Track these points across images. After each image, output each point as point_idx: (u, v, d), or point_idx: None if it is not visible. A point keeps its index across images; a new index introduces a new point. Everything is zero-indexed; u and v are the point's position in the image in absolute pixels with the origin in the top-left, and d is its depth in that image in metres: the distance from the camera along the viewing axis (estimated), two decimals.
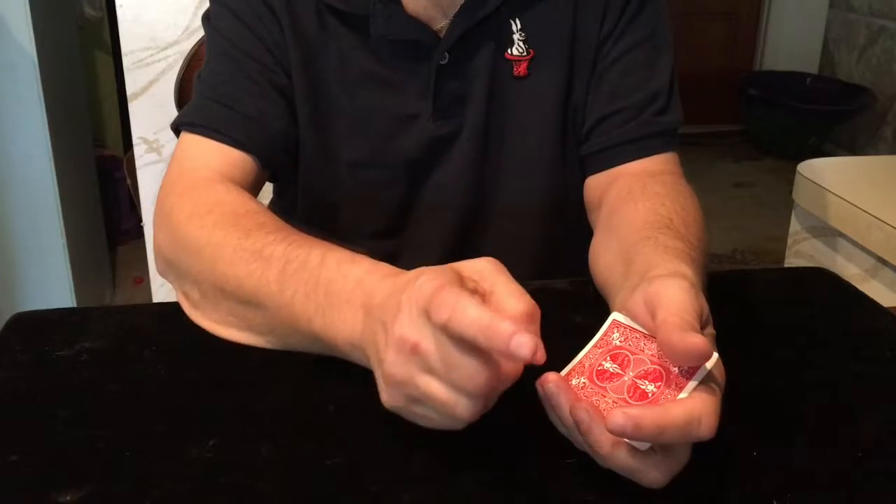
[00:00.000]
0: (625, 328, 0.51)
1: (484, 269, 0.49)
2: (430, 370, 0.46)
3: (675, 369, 0.47)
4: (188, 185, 0.73)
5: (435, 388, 0.46)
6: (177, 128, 0.80)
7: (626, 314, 0.52)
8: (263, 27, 0.79)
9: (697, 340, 0.46)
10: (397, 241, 0.88)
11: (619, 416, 0.43)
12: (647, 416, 0.44)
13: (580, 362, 0.51)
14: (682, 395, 0.46)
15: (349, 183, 0.84)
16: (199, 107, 0.80)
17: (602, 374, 0.50)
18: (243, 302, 0.62)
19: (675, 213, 0.69)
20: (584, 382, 0.50)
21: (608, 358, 0.50)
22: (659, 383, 0.48)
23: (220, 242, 0.64)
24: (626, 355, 0.50)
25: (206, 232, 0.66)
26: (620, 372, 0.49)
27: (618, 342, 0.51)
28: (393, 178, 0.84)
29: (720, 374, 0.49)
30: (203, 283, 0.65)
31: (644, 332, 0.51)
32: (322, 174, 0.84)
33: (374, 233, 0.87)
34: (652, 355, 0.49)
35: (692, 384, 0.46)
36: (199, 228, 0.67)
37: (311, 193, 0.86)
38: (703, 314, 0.51)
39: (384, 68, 0.81)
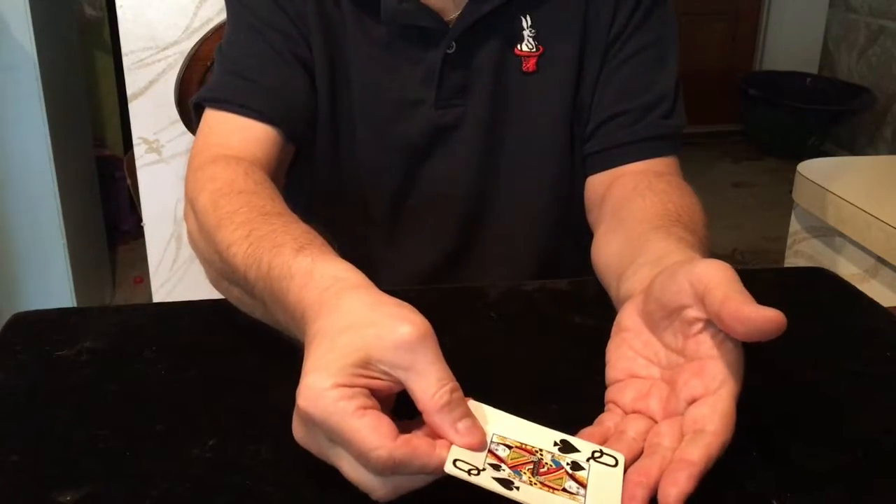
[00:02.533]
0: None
1: (393, 354, 0.45)
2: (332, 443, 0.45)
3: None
4: (205, 162, 0.72)
5: (345, 460, 0.45)
6: (198, 104, 0.80)
7: (657, 293, 0.51)
8: (288, 0, 0.79)
9: (774, 313, 0.45)
10: (397, 228, 0.88)
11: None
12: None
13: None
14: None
15: (352, 165, 0.85)
16: (220, 82, 0.79)
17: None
18: (242, 289, 0.62)
19: (683, 210, 0.69)
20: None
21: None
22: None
23: (226, 239, 0.63)
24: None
25: (214, 220, 0.65)
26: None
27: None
28: (394, 161, 0.85)
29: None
30: (213, 267, 0.66)
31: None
32: (332, 151, 0.84)
33: (376, 218, 0.88)
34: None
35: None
36: (212, 213, 0.66)
37: (320, 172, 0.86)
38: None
39: (392, 52, 0.81)
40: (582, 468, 0.46)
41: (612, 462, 0.47)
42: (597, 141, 0.83)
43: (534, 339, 0.66)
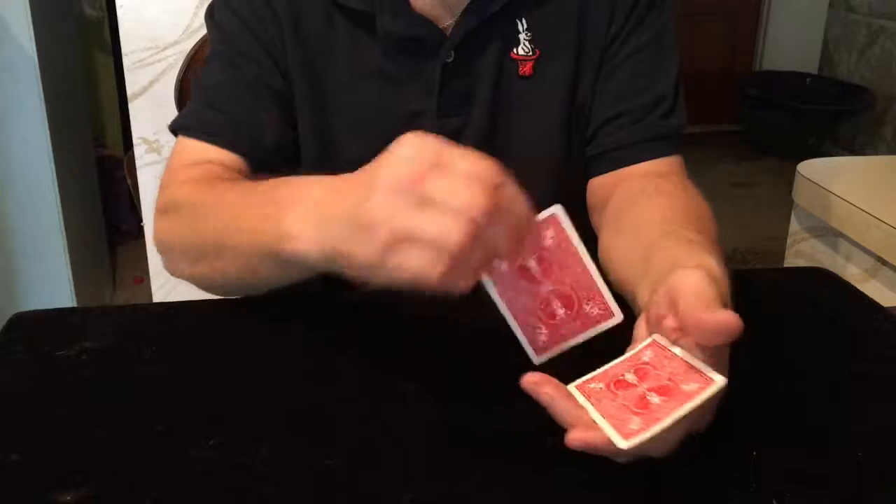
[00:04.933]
0: (659, 348, 0.51)
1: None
2: (421, 202, 0.47)
3: (686, 387, 0.47)
4: (186, 178, 0.76)
5: (425, 216, 0.47)
6: (174, 130, 0.82)
7: (654, 310, 0.52)
8: (262, 27, 0.80)
9: (727, 315, 0.45)
10: None
11: (575, 441, 0.46)
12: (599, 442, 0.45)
13: (605, 371, 0.51)
14: (681, 411, 0.45)
15: None
16: (193, 110, 0.82)
17: (620, 384, 0.49)
18: (215, 254, 0.65)
19: (690, 208, 0.69)
20: (601, 388, 0.49)
21: (632, 370, 0.50)
22: (665, 398, 0.47)
23: (196, 202, 0.69)
24: (649, 370, 0.49)
25: (191, 199, 0.71)
26: (636, 384, 0.49)
27: (646, 358, 0.50)
28: None
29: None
30: (189, 251, 0.69)
31: (675, 353, 0.50)
32: (324, 170, 0.84)
33: None
34: (672, 373, 0.48)
35: (694, 402, 0.45)
36: (185, 197, 0.72)
37: None
38: (726, 303, 0.50)
39: (390, 65, 0.81)
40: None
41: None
42: (597, 143, 0.83)
43: None
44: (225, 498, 0.49)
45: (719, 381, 0.46)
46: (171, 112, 1.29)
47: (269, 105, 0.81)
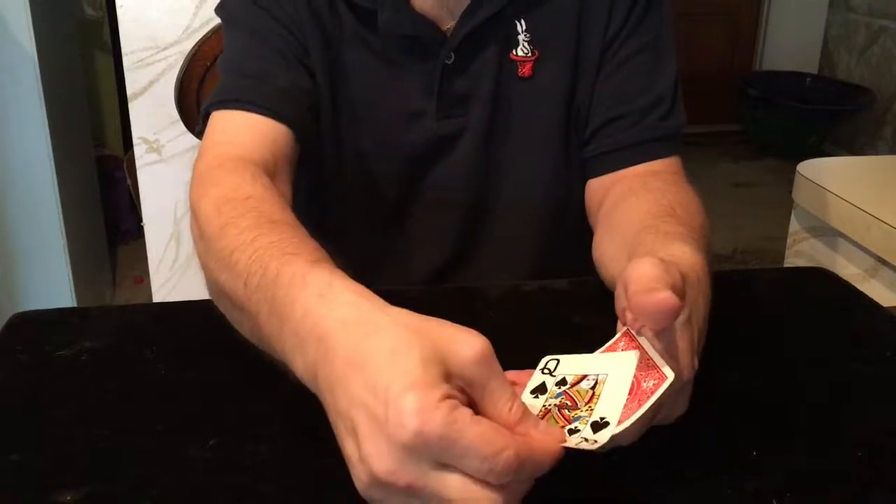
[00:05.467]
0: (629, 339, 0.50)
1: (474, 369, 0.42)
2: (440, 463, 0.39)
3: (645, 384, 0.47)
4: (210, 165, 0.69)
5: (452, 482, 0.39)
6: (206, 113, 0.78)
7: (618, 304, 0.52)
8: (281, 9, 0.79)
9: (664, 295, 0.45)
10: (399, 236, 0.88)
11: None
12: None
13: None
14: (641, 410, 0.45)
15: (353, 172, 0.85)
16: (228, 85, 0.78)
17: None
18: (235, 307, 0.58)
19: (676, 203, 0.69)
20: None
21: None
22: (629, 396, 0.47)
23: (229, 245, 0.58)
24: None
25: (217, 226, 0.60)
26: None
27: (620, 348, 0.50)
28: (395, 171, 0.85)
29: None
30: (211, 277, 0.61)
31: (641, 342, 0.49)
32: (330, 160, 0.84)
33: (376, 226, 0.88)
34: (637, 370, 0.48)
35: (649, 403, 0.45)
36: (215, 219, 0.61)
37: (319, 180, 0.86)
38: (675, 287, 0.48)
39: (391, 64, 0.81)
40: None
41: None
42: (595, 145, 0.83)
43: (534, 339, 0.66)
44: (225, 498, 0.49)
45: (670, 376, 0.46)
46: (172, 112, 1.29)
47: (305, 76, 0.79)
